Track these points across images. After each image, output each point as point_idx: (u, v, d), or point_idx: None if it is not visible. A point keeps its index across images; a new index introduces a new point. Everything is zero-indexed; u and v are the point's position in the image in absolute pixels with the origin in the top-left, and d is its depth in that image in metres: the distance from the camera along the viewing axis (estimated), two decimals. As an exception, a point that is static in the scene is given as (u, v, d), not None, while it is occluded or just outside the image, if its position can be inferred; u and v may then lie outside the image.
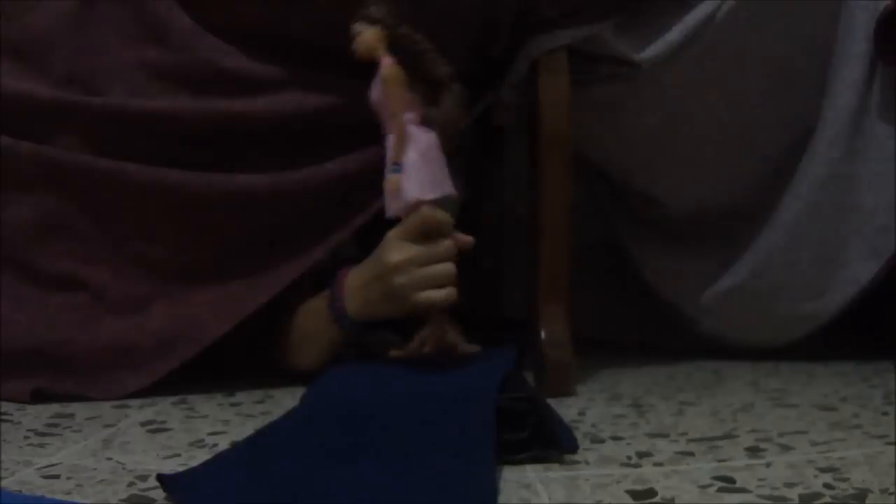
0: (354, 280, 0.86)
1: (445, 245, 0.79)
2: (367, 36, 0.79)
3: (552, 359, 0.88)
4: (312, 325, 0.90)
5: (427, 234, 0.79)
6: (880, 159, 1.00)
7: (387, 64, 0.80)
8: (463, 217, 1.10)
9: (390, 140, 0.80)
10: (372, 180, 0.94)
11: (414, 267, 0.79)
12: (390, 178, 0.79)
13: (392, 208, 0.80)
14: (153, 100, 0.91)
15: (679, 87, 0.99)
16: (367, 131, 0.94)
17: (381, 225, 0.95)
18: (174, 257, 0.91)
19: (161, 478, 0.55)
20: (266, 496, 0.51)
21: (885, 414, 0.76)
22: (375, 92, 0.81)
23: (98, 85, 0.93)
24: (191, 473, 0.57)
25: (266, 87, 0.91)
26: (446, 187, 0.79)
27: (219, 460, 0.60)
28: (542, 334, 0.90)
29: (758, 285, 1.06)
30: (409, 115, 0.80)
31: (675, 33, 0.95)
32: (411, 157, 0.78)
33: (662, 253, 1.14)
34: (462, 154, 1.05)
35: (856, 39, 1.00)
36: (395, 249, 0.80)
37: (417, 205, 0.78)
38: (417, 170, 0.78)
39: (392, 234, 0.81)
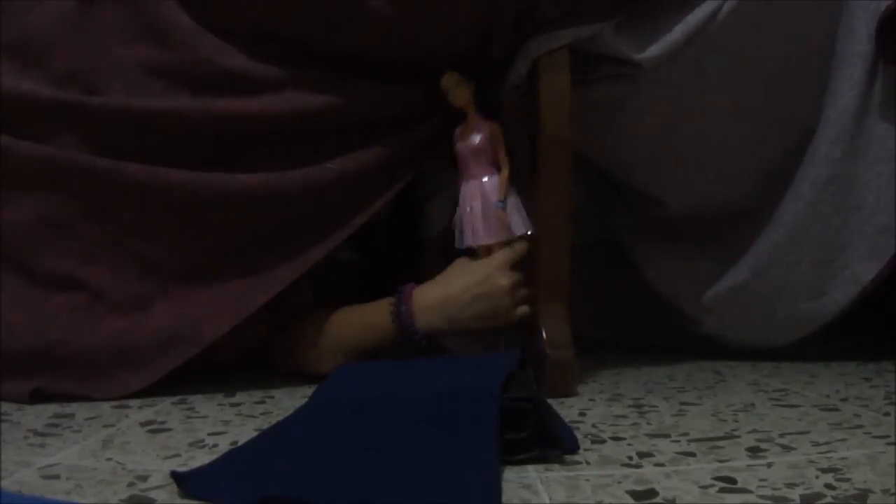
0: (431, 298, 0.93)
1: (522, 274, 0.94)
2: (463, 88, 0.94)
3: (552, 359, 0.88)
4: (358, 335, 0.94)
5: (518, 263, 0.93)
6: (881, 159, 1.00)
7: (494, 123, 0.95)
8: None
9: (496, 180, 0.94)
10: (372, 180, 0.95)
11: (517, 290, 0.93)
12: (499, 212, 0.93)
13: (495, 235, 0.93)
14: (153, 99, 0.91)
15: (680, 86, 0.99)
16: (367, 131, 0.95)
17: (381, 225, 0.96)
18: (174, 257, 0.91)
19: (175, 475, 0.55)
20: (277, 490, 0.51)
21: (887, 414, 0.76)
22: (482, 140, 0.94)
23: (98, 84, 0.93)
24: (204, 469, 0.57)
25: (266, 87, 0.91)
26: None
27: (231, 456, 0.60)
28: (543, 334, 0.90)
29: (759, 285, 1.06)
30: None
31: (676, 33, 0.94)
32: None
33: (662, 253, 1.14)
34: None
35: (857, 39, 1.00)
36: (505, 275, 0.92)
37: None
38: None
39: (499, 260, 0.92)
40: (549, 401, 0.75)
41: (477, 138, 0.94)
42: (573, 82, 0.91)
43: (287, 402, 0.84)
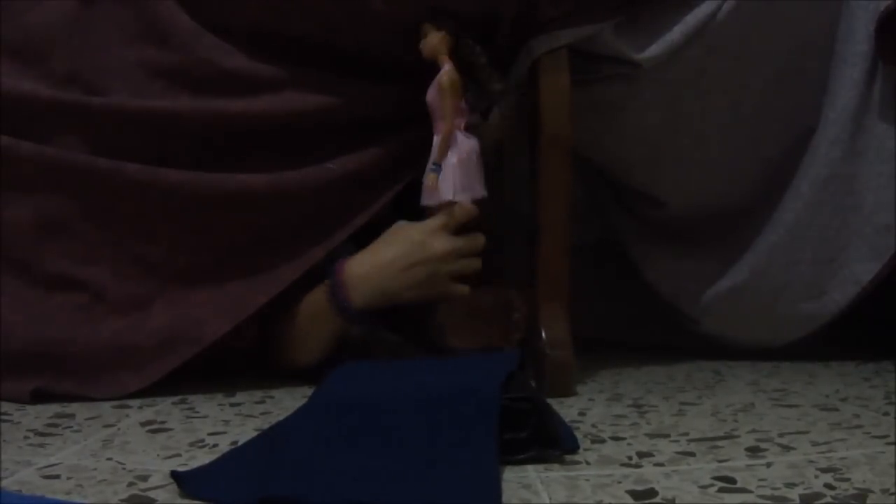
0: (361, 269, 0.87)
1: (480, 239, 0.87)
2: (433, 39, 0.86)
3: (552, 359, 0.88)
4: (311, 318, 0.91)
5: (462, 228, 0.86)
6: (881, 159, 1.00)
7: (447, 69, 0.85)
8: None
9: (436, 140, 0.86)
10: (372, 180, 0.95)
11: (457, 258, 0.86)
12: (429, 176, 0.86)
13: (426, 200, 0.87)
14: (153, 100, 0.91)
15: (680, 86, 0.99)
16: (367, 131, 0.95)
17: (380, 225, 0.96)
18: (174, 257, 0.91)
19: (175, 475, 0.55)
20: (276, 490, 0.51)
21: (886, 414, 0.76)
22: (432, 93, 0.87)
23: (98, 85, 0.93)
24: (204, 469, 0.58)
25: (266, 86, 0.91)
26: (476, 191, 0.86)
27: (231, 456, 0.61)
28: (542, 334, 0.90)
29: (758, 285, 1.06)
30: (458, 121, 0.86)
31: (675, 33, 0.94)
32: (451, 160, 0.85)
33: (662, 253, 1.14)
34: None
35: (857, 39, 1.00)
36: (441, 239, 0.85)
37: (448, 205, 0.85)
38: (454, 173, 0.85)
39: (430, 225, 0.85)
40: (549, 401, 0.75)
41: (430, 93, 0.87)
42: (573, 82, 0.91)
43: (287, 402, 0.84)
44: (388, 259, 0.87)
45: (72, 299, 0.90)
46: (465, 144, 0.86)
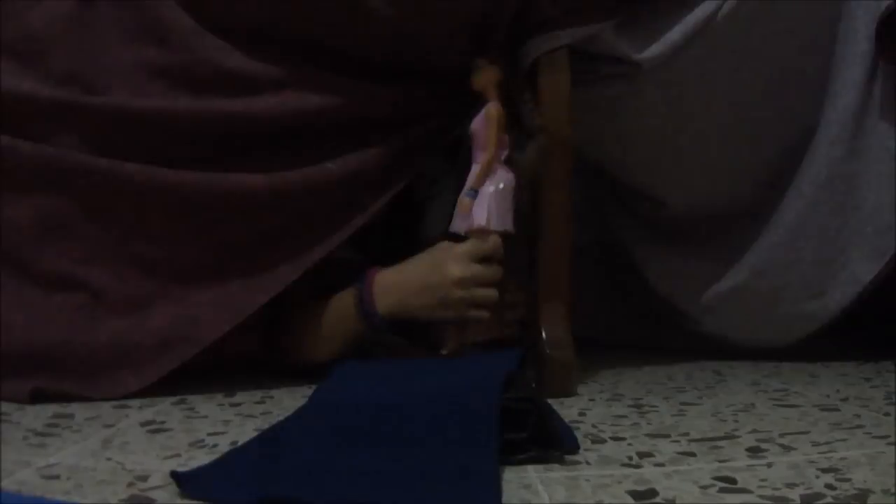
0: (389, 280, 0.91)
1: (497, 270, 0.90)
2: (487, 73, 0.91)
3: (552, 359, 0.88)
4: (340, 319, 0.93)
5: (485, 258, 0.89)
6: (881, 159, 1.00)
7: (495, 104, 0.90)
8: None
9: (475, 168, 0.90)
10: (372, 180, 0.95)
11: (472, 285, 0.88)
12: (464, 201, 0.90)
13: (458, 225, 0.90)
14: (153, 100, 0.91)
15: (680, 86, 0.99)
16: (367, 131, 0.95)
17: (380, 226, 0.96)
18: (174, 257, 0.91)
19: (175, 475, 0.55)
20: (276, 490, 0.51)
21: (887, 414, 0.76)
22: (478, 122, 0.91)
23: (98, 85, 0.93)
24: (204, 469, 0.57)
25: (267, 86, 0.91)
26: (507, 223, 0.90)
27: (231, 456, 0.60)
28: (543, 334, 0.90)
29: (759, 285, 1.06)
30: (499, 152, 0.90)
31: (675, 33, 0.95)
32: (488, 189, 0.89)
33: (663, 253, 1.14)
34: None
35: (857, 39, 1.00)
36: (459, 265, 0.88)
37: (480, 231, 0.89)
38: (490, 201, 0.89)
39: (456, 250, 0.89)
40: (549, 400, 0.75)
41: (476, 122, 0.91)
42: (573, 82, 0.91)
43: (287, 402, 0.84)
44: (409, 275, 0.91)
45: (72, 299, 0.90)
46: (504, 176, 0.90)
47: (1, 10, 0.97)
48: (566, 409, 0.79)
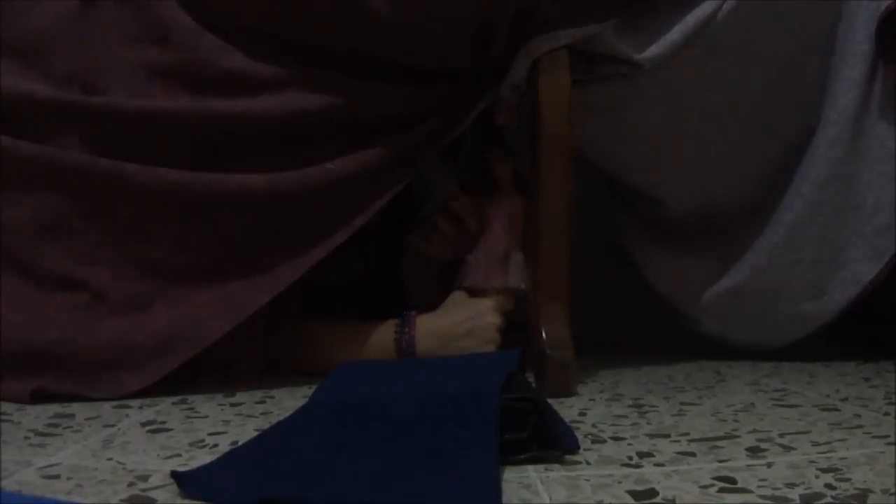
0: (433, 325, 0.98)
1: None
2: (507, 168, 1.04)
3: (552, 359, 0.88)
4: (372, 352, 0.98)
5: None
6: (881, 159, 1.00)
7: (520, 201, 1.03)
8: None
9: (488, 242, 1.02)
10: (372, 180, 0.95)
11: (500, 332, 0.99)
12: (504, 263, 1.01)
13: (495, 282, 1.00)
14: (153, 100, 0.91)
15: (680, 86, 0.99)
16: (367, 131, 0.95)
17: (381, 226, 0.96)
18: (174, 257, 0.91)
19: (175, 475, 0.55)
20: (276, 490, 0.51)
21: (887, 414, 0.76)
22: (499, 217, 1.02)
23: (98, 84, 0.93)
24: (204, 469, 0.57)
25: (266, 86, 0.91)
26: (523, 283, 1.00)
27: (231, 456, 0.60)
28: (542, 334, 0.90)
29: (758, 285, 1.06)
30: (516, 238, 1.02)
31: (675, 33, 0.94)
32: (517, 255, 1.01)
33: (662, 253, 1.14)
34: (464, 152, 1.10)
35: (857, 39, 1.00)
36: (495, 315, 0.98)
37: (503, 291, 1.00)
38: (520, 266, 1.00)
39: (491, 302, 0.99)
40: (549, 401, 0.75)
41: (496, 208, 1.02)
42: (573, 82, 0.91)
43: (287, 402, 0.84)
44: (454, 323, 0.98)
45: (72, 299, 0.90)
46: (517, 258, 1.01)
47: (1, 10, 0.97)
48: (566, 409, 0.79)
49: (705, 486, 0.55)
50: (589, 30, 0.91)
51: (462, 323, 0.98)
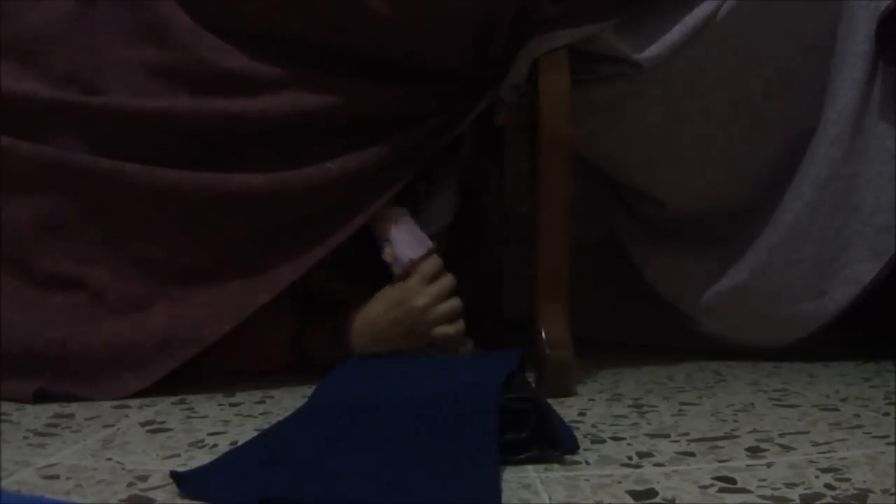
0: (359, 322, 0.97)
1: (449, 280, 0.96)
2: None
3: (552, 359, 0.88)
4: (314, 351, 0.99)
5: (434, 277, 0.95)
6: (881, 159, 1.00)
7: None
8: (464, 217, 1.10)
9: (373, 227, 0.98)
10: (372, 180, 0.95)
11: (435, 306, 0.94)
12: (386, 251, 0.97)
13: (397, 273, 0.97)
14: (153, 99, 0.91)
15: (680, 86, 0.99)
16: (366, 131, 0.95)
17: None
18: (174, 257, 0.91)
19: (175, 475, 0.55)
20: (276, 490, 0.51)
21: (886, 414, 0.76)
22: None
23: (98, 84, 0.93)
24: (204, 469, 0.57)
25: (266, 86, 0.91)
26: (426, 243, 0.97)
27: (231, 456, 0.61)
28: (542, 334, 0.90)
29: (758, 285, 1.06)
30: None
31: (675, 33, 0.94)
32: (394, 232, 0.97)
33: (662, 253, 1.14)
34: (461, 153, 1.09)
35: (857, 39, 1.00)
36: (419, 295, 0.94)
37: (412, 265, 0.96)
38: (402, 239, 0.97)
39: (409, 283, 0.95)
40: (549, 401, 0.75)
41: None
42: (573, 82, 0.91)
43: (287, 402, 0.84)
44: (377, 316, 0.96)
45: (71, 299, 0.90)
46: (396, 213, 0.98)
47: (1, 10, 0.97)
48: (566, 409, 0.79)
49: (705, 486, 0.55)
50: (589, 30, 0.91)
51: (386, 313, 0.96)
